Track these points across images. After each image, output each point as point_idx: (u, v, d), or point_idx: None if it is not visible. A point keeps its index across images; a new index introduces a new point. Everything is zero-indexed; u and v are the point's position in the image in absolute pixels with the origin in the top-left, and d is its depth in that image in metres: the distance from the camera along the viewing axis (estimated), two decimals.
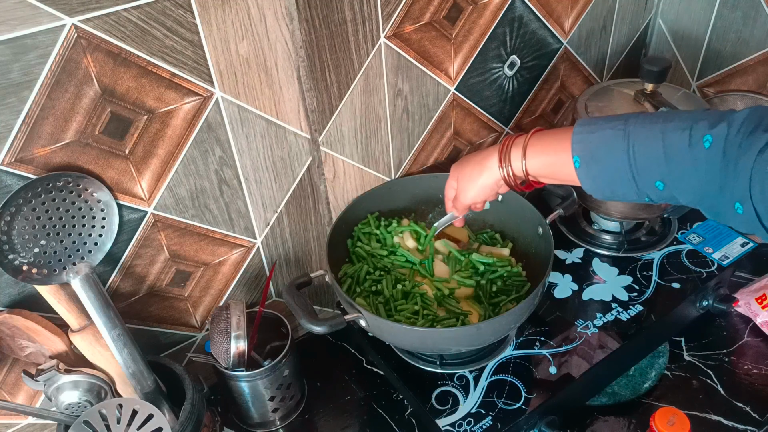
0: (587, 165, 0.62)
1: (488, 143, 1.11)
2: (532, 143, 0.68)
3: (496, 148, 0.72)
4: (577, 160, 0.63)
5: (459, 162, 0.80)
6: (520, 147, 0.69)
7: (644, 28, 1.21)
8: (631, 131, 0.59)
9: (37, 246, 0.67)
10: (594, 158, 0.62)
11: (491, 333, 0.78)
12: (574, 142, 0.62)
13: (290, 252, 0.94)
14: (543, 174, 0.68)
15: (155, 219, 0.77)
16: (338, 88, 0.84)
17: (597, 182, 0.63)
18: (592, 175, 0.63)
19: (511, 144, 0.70)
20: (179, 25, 0.66)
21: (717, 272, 0.95)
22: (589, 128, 0.63)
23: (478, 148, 1.10)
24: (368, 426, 0.88)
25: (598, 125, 0.62)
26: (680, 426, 0.74)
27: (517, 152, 0.69)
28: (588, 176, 0.63)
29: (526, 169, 0.68)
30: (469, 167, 0.76)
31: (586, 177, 0.63)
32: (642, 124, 0.59)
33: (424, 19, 0.87)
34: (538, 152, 0.67)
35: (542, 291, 0.78)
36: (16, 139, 0.63)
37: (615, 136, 0.60)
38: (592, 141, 0.62)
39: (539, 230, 0.87)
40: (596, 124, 0.62)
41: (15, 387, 0.78)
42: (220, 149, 0.77)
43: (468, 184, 0.76)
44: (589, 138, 0.62)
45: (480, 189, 0.75)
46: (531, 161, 0.68)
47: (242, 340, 0.77)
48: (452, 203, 0.83)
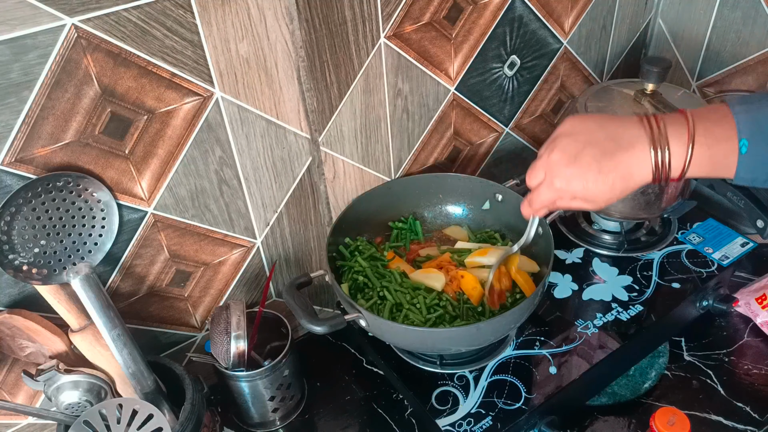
0: (757, 149, 0.51)
1: (488, 143, 1.11)
2: (700, 122, 0.53)
3: (633, 122, 0.55)
4: (744, 144, 0.51)
5: (559, 129, 0.58)
6: (683, 129, 0.53)
7: (644, 28, 1.21)
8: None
9: (37, 246, 0.67)
10: (766, 137, 0.51)
11: (491, 333, 0.78)
12: (740, 122, 0.51)
13: (290, 252, 0.94)
14: (700, 169, 0.54)
15: (155, 219, 0.77)
16: (338, 88, 0.84)
17: (758, 171, 0.53)
18: (759, 162, 0.52)
19: (663, 125, 0.53)
20: (179, 25, 0.67)
21: (717, 272, 0.95)
22: (753, 106, 0.52)
23: (478, 149, 1.10)
24: (368, 426, 0.88)
25: (761, 101, 0.52)
26: (680, 426, 0.74)
27: (680, 135, 0.53)
28: (755, 161, 0.52)
29: (689, 159, 0.53)
30: (583, 139, 0.55)
31: (752, 162, 0.52)
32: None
33: (424, 19, 0.87)
34: (706, 139, 0.53)
35: (542, 291, 0.78)
36: (16, 139, 0.63)
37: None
38: (762, 118, 0.51)
39: (539, 230, 0.87)
40: (757, 101, 0.52)
41: (15, 387, 0.78)
42: (220, 149, 0.77)
43: (579, 165, 0.55)
44: (757, 116, 0.52)
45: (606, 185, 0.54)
46: (699, 150, 0.53)
47: (242, 340, 0.77)
48: (534, 198, 0.61)
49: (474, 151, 1.10)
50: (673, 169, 0.54)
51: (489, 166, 1.14)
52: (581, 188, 0.56)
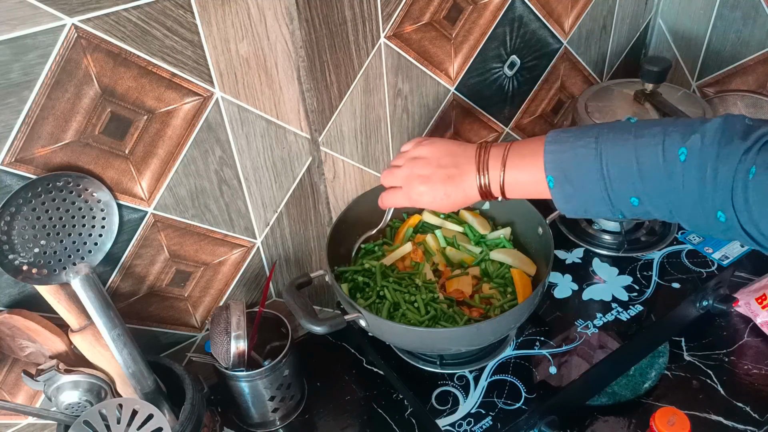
0: (561, 185, 0.61)
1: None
2: (512, 154, 0.64)
3: (471, 151, 0.68)
4: (551, 180, 0.61)
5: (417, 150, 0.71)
6: (498, 158, 0.65)
7: (644, 28, 1.21)
8: (603, 150, 0.58)
9: (37, 246, 0.67)
10: (567, 179, 0.60)
11: (491, 333, 0.78)
12: (547, 162, 0.61)
13: (290, 252, 0.94)
14: (517, 190, 0.65)
15: (155, 219, 0.77)
16: (338, 88, 0.84)
17: (571, 202, 0.61)
18: (567, 196, 0.61)
19: (488, 153, 0.66)
20: (179, 25, 0.67)
21: (717, 272, 0.95)
22: (561, 146, 0.60)
23: None
24: (368, 426, 0.88)
25: (568, 143, 0.60)
26: (680, 426, 0.74)
27: (496, 165, 0.65)
28: (562, 197, 0.61)
29: (503, 182, 0.64)
30: (435, 164, 0.69)
31: (560, 197, 0.61)
32: (613, 142, 0.58)
33: (424, 19, 0.87)
34: (515, 168, 0.63)
35: (542, 291, 0.78)
36: (16, 139, 0.63)
37: (587, 156, 0.58)
38: (565, 161, 0.60)
39: (539, 230, 0.87)
40: (566, 142, 0.60)
41: (15, 387, 0.78)
42: (220, 149, 0.77)
43: (430, 185, 0.68)
44: (561, 157, 0.60)
45: (447, 199, 0.68)
46: (510, 174, 0.64)
47: (242, 340, 0.77)
48: (387, 197, 0.74)
49: None
50: (492, 190, 0.66)
51: None
52: (429, 201, 0.70)
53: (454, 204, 0.69)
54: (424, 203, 0.70)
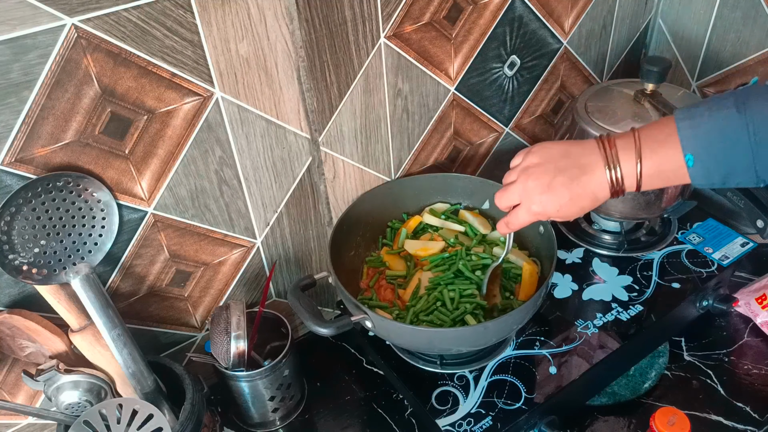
0: (703, 162, 0.56)
1: (488, 143, 1.11)
2: (645, 142, 0.59)
3: (591, 147, 0.62)
4: (690, 158, 0.56)
5: (528, 159, 0.65)
6: (631, 146, 0.59)
7: (644, 28, 1.21)
8: (749, 117, 0.53)
9: (37, 246, 0.67)
10: (710, 154, 0.56)
11: (495, 333, 0.78)
12: (683, 139, 0.56)
13: (290, 252, 0.94)
14: (653, 181, 0.60)
15: (155, 219, 0.77)
16: (338, 88, 0.84)
17: (712, 177, 0.57)
18: (708, 172, 0.57)
19: (614, 145, 0.61)
20: (179, 25, 0.67)
21: (717, 272, 0.95)
22: (698, 120, 0.56)
23: (478, 149, 1.10)
24: (368, 426, 0.88)
25: (704, 115, 0.56)
26: (680, 426, 0.74)
27: (630, 152, 0.59)
28: (703, 173, 0.57)
29: (640, 174, 0.59)
30: (552, 168, 0.63)
31: (701, 174, 0.57)
32: (760, 106, 0.53)
33: (424, 19, 0.87)
34: (651, 157, 0.58)
35: (545, 291, 0.78)
36: (16, 139, 0.63)
37: (731, 126, 0.54)
38: (707, 134, 0.56)
39: (540, 229, 0.87)
40: (702, 115, 0.56)
41: (15, 387, 0.78)
42: (220, 149, 0.77)
43: (551, 193, 0.63)
44: (701, 132, 0.56)
45: (576, 206, 0.62)
46: (647, 164, 0.59)
47: (242, 340, 0.77)
48: (510, 219, 0.69)
49: (474, 151, 1.10)
50: (626, 185, 0.61)
51: (489, 166, 1.14)
52: (555, 210, 0.64)
53: (581, 209, 0.64)
54: (549, 214, 0.65)
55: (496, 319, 0.76)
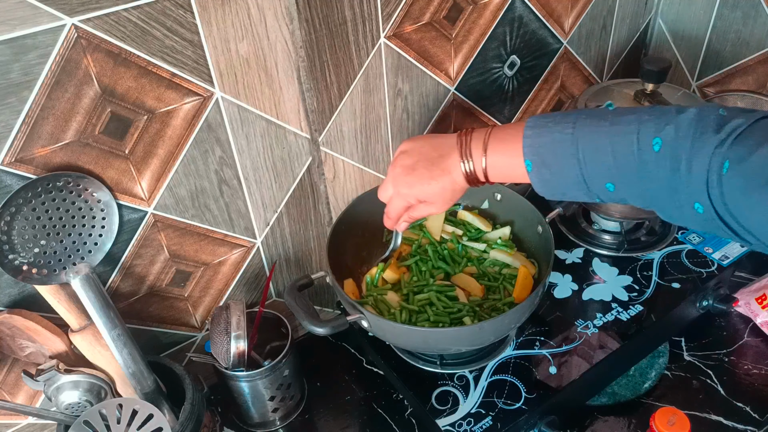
0: (538, 169, 0.61)
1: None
2: (492, 140, 0.64)
3: (453, 139, 0.67)
4: (528, 164, 0.61)
5: (399, 149, 0.70)
6: (480, 142, 0.64)
7: (644, 28, 1.21)
8: (579, 136, 0.58)
9: (37, 246, 0.67)
10: (545, 163, 0.60)
11: (492, 332, 0.78)
12: (525, 146, 0.61)
13: (290, 252, 0.94)
14: (498, 174, 0.65)
15: (155, 219, 0.77)
16: (338, 88, 0.84)
17: (548, 186, 0.62)
18: (544, 179, 0.62)
19: (470, 138, 0.65)
20: (179, 25, 0.67)
21: (717, 272, 0.95)
22: (539, 130, 0.61)
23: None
24: (368, 426, 0.88)
25: (547, 127, 0.60)
26: (680, 426, 0.74)
27: (478, 148, 0.64)
28: (540, 180, 0.62)
29: (485, 167, 0.64)
30: (416, 154, 0.68)
31: (538, 180, 0.62)
32: (589, 128, 0.58)
33: (424, 19, 0.87)
34: (496, 152, 0.64)
35: (543, 291, 0.78)
36: (16, 139, 0.63)
37: (563, 141, 0.59)
38: (542, 145, 0.60)
39: (539, 229, 0.87)
40: (545, 126, 0.61)
41: (15, 387, 0.78)
42: (220, 149, 0.77)
43: (415, 174, 0.67)
44: (538, 142, 0.60)
45: (439, 187, 0.67)
46: (491, 159, 0.64)
47: (242, 340, 0.77)
48: (389, 209, 0.73)
49: None
50: (478, 175, 0.65)
51: None
52: (421, 191, 0.68)
53: (443, 190, 0.67)
54: (416, 195, 0.68)
55: (493, 319, 0.76)
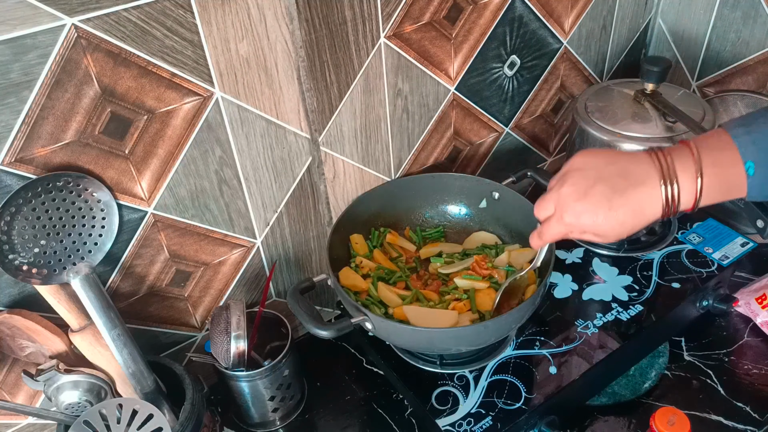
0: (764, 169, 0.53)
1: (488, 143, 1.11)
2: (705, 155, 0.54)
3: (643, 157, 0.56)
4: (751, 166, 0.53)
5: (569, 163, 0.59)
6: (690, 163, 0.54)
7: (644, 28, 1.21)
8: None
9: (37, 246, 0.67)
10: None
11: (493, 332, 0.78)
12: (742, 146, 0.53)
13: (290, 252, 0.94)
14: (711, 196, 0.55)
15: (155, 219, 0.77)
16: (338, 88, 0.84)
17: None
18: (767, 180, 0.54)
19: (671, 159, 0.55)
20: (179, 25, 0.67)
21: (717, 272, 0.95)
22: (755, 128, 0.53)
23: (478, 149, 1.10)
24: (368, 426, 0.88)
25: (760, 121, 0.53)
26: (680, 426, 0.74)
27: (688, 164, 0.54)
28: (762, 182, 0.54)
29: (700, 190, 0.54)
30: (593, 175, 0.56)
31: (759, 184, 0.54)
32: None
33: (424, 19, 0.87)
34: (712, 169, 0.54)
35: (544, 291, 0.78)
36: (16, 139, 0.63)
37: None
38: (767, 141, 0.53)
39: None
40: (757, 121, 0.53)
41: (15, 387, 0.78)
42: (220, 149, 0.77)
43: (588, 201, 0.56)
44: (759, 138, 0.53)
45: (616, 221, 0.55)
46: (708, 180, 0.54)
47: (242, 340, 0.77)
48: (542, 230, 0.63)
49: (474, 151, 1.10)
50: (683, 202, 0.55)
51: (489, 166, 1.14)
52: (591, 224, 0.57)
53: (622, 225, 0.56)
54: (583, 227, 0.58)
55: (495, 318, 0.76)
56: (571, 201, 0.58)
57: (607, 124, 0.91)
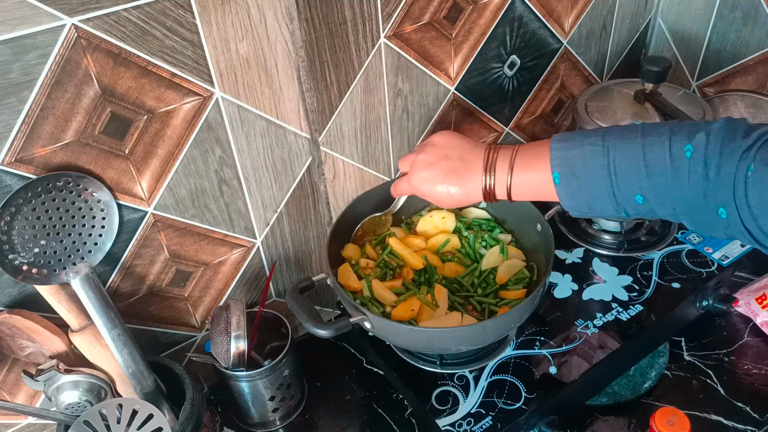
0: (567, 181, 0.62)
1: (488, 143, 1.11)
2: (519, 158, 0.65)
3: (480, 150, 0.68)
4: (557, 176, 0.62)
5: (431, 138, 0.72)
6: (506, 160, 0.66)
7: (644, 28, 1.21)
8: (610, 147, 0.59)
9: (37, 246, 0.67)
10: (574, 174, 0.61)
11: (492, 332, 0.78)
12: (553, 158, 0.62)
13: (290, 252, 0.94)
14: (522, 192, 0.66)
15: (155, 219, 0.77)
16: (338, 88, 0.84)
17: (576, 199, 0.63)
18: (572, 192, 0.62)
19: (496, 155, 0.67)
20: (179, 25, 0.67)
21: (717, 272, 0.95)
22: (568, 144, 0.62)
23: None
24: (368, 426, 0.88)
25: (575, 141, 0.62)
26: (680, 426, 0.74)
27: (504, 166, 0.66)
28: (568, 193, 0.62)
29: (510, 184, 0.65)
30: (443, 153, 0.69)
31: (565, 194, 0.63)
32: (620, 139, 0.60)
33: (424, 19, 0.87)
34: (522, 169, 0.65)
35: (543, 290, 0.78)
36: (16, 139, 0.63)
37: (594, 152, 0.60)
38: (572, 157, 0.61)
39: (538, 227, 0.87)
40: (573, 140, 0.62)
41: (15, 387, 0.78)
42: (220, 149, 0.77)
43: (431, 171, 0.69)
44: (568, 154, 0.62)
45: (447, 193, 0.69)
46: (516, 178, 0.65)
47: (242, 340, 0.77)
48: (398, 185, 0.77)
49: None
50: (497, 192, 0.67)
51: None
52: (428, 189, 0.70)
53: (451, 199, 0.69)
54: (424, 191, 0.70)
55: (494, 318, 0.76)
56: (421, 168, 0.70)
57: (607, 124, 0.91)
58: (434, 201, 0.71)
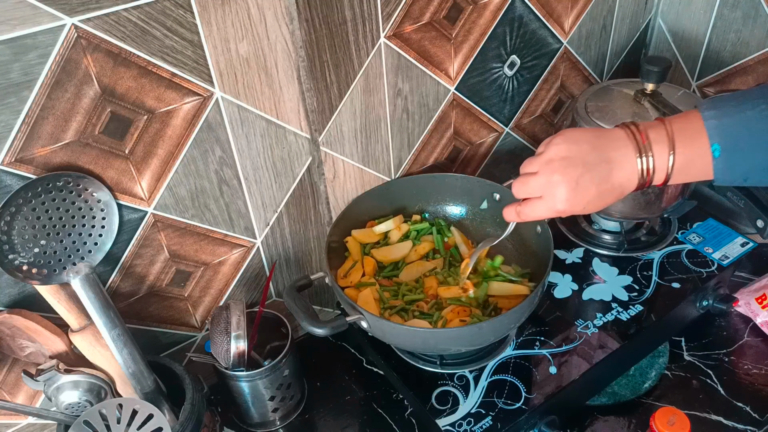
0: (728, 153, 0.56)
1: (488, 143, 1.11)
2: (678, 133, 0.57)
3: (619, 136, 0.59)
4: (717, 148, 0.56)
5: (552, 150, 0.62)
6: (663, 137, 0.57)
7: (644, 28, 1.21)
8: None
9: (37, 246, 0.67)
10: (737, 146, 0.55)
11: (492, 333, 0.78)
12: (710, 128, 0.56)
13: (290, 252, 0.94)
14: (682, 174, 0.58)
15: (155, 219, 0.77)
16: (338, 88, 0.84)
17: (733, 171, 0.57)
18: (732, 164, 0.56)
19: (645, 133, 0.58)
20: (179, 25, 0.67)
21: (717, 272, 0.95)
22: (723, 111, 0.56)
23: (478, 148, 1.10)
24: (368, 426, 0.88)
25: (730, 107, 0.56)
26: (680, 426, 0.74)
27: (663, 143, 0.57)
28: (727, 166, 0.56)
29: (672, 167, 0.57)
30: (580, 163, 0.59)
31: (724, 167, 0.57)
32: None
33: (424, 19, 0.87)
34: (683, 144, 0.57)
35: (542, 291, 0.78)
36: (16, 139, 0.63)
37: (761, 118, 0.54)
38: (733, 125, 0.55)
39: (538, 228, 0.87)
40: (728, 106, 0.56)
41: (15, 387, 0.78)
42: (220, 149, 0.77)
43: (578, 190, 0.60)
44: (728, 122, 0.55)
45: (603, 195, 0.60)
46: (679, 155, 0.57)
47: (242, 340, 0.77)
48: (524, 210, 0.65)
49: (474, 151, 1.10)
50: (656, 178, 0.60)
51: (489, 166, 1.14)
52: (581, 209, 0.62)
53: (606, 204, 0.62)
54: (574, 212, 0.63)
55: (492, 319, 0.76)
56: (563, 191, 0.61)
57: (608, 124, 0.91)
58: (584, 212, 0.63)
